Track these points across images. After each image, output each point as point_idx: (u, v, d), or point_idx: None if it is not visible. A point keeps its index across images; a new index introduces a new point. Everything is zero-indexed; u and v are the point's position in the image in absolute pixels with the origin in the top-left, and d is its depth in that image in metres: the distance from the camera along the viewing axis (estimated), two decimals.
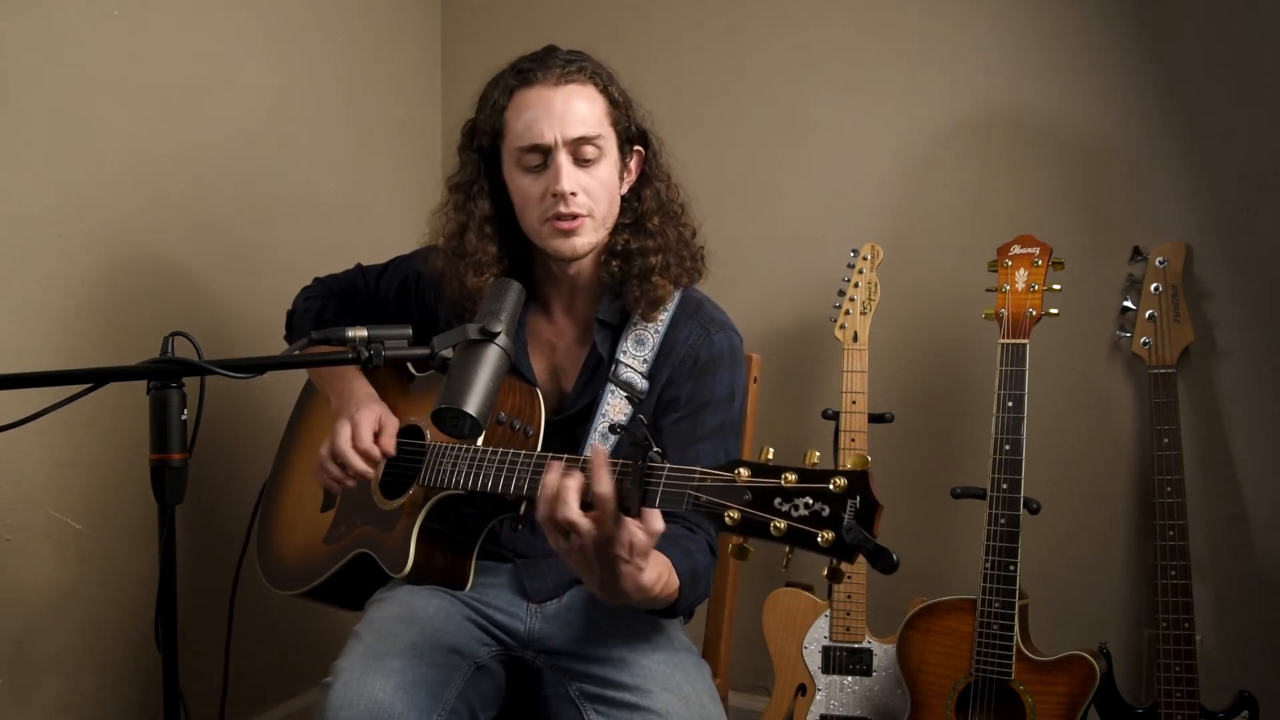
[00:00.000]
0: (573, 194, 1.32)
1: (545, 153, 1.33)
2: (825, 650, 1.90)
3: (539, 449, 1.36)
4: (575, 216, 1.34)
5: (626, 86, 1.43)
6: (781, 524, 0.92)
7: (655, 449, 1.02)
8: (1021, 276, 1.78)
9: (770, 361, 2.08)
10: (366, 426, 1.39)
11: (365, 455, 1.38)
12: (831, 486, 0.91)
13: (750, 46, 2.30)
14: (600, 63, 1.41)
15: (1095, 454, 2.01)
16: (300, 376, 1.75)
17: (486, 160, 1.42)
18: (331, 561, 1.47)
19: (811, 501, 0.92)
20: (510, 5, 2.57)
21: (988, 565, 1.72)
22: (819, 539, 0.90)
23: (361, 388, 1.49)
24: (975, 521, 1.76)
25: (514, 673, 1.43)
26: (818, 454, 0.97)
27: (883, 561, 0.88)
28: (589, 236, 1.36)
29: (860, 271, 1.95)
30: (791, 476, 0.93)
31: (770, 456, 0.98)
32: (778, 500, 0.93)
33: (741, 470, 0.96)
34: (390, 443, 1.41)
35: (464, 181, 1.44)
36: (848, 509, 0.90)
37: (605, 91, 1.37)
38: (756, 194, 2.30)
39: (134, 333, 1.83)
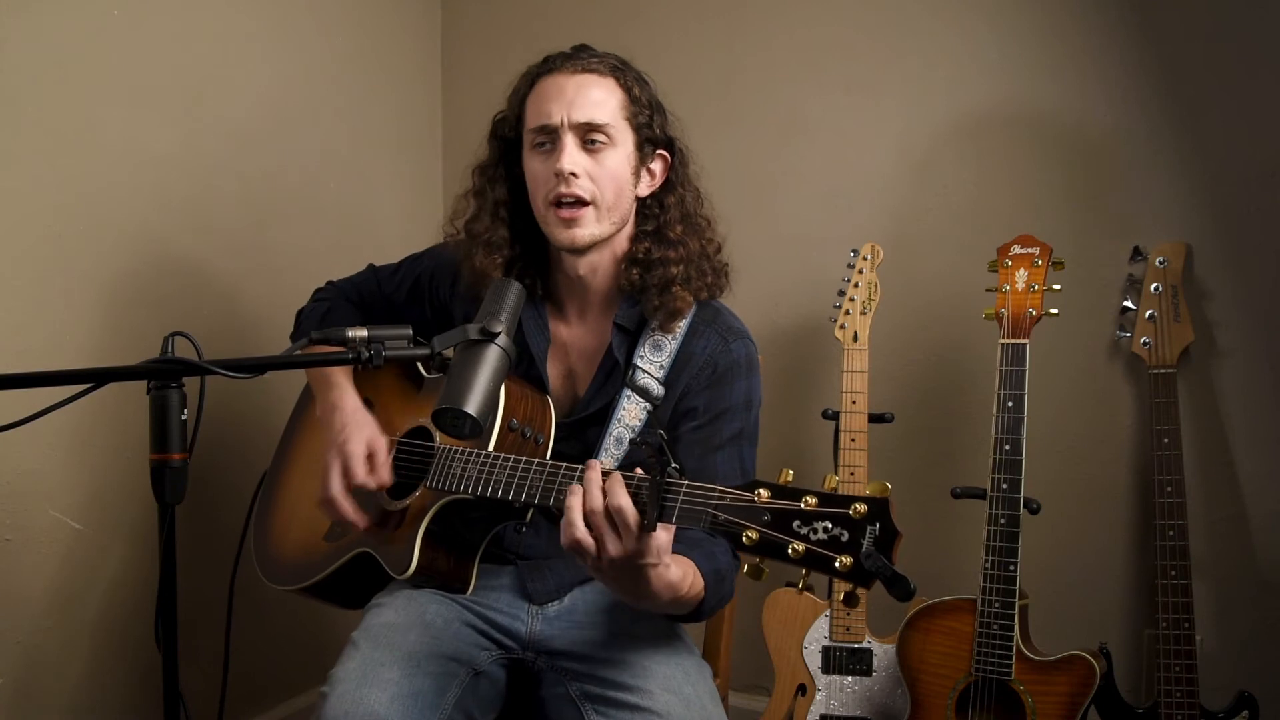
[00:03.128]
0: (574, 174, 1.33)
1: (552, 134, 1.35)
2: (825, 650, 1.90)
3: (548, 456, 1.36)
4: (578, 201, 1.34)
5: (660, 95, 1.45)
6: (800, 547, 0.93)
7: (673, 465, 1.02)
8: (1021, 276, 1.78)
9: (770, 361, 2.08)
10: (358, 461, 1.36)
11: (351, 499, 1.37)
12: (852, 512, 0.92)
13: (750, 46, 2.30)
14: (633, 68, 1.42)
15: (1095, 454, 2.01)
16: (301, 376, 1.75)
17: (509, 148, 1.45)
18: (331, 559, 1.46)
19: (831, 526, 0.93)
20: (510, 5, 2.57)
21: (988, 565, 1.72)
22: (837, 563, 0.91)
23: (348, 400, 1.45)
24: (975, 521, 1.76)
25: (514, 675, 1.43)
26: (836, 479, 0.97)
27: (899, 589, 0.89)
28: (591, 228, 1.36)
29: (860, 271, 1.95)
30: (812, 500, 0.94)
31: (790, 478, 0.98)
32: (797, 523, 0.94)
33: (761, 491, 0.97)
34: (385, 471, 1.38)
35: (485, 166, 1.48)
36: (867, 535, 0.91)
37: (625, 87, 1.38)
38: (756, 194, 2.30)
39: (134, 333, 1.83)
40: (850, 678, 1.90)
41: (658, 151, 1.43)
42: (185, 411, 1.04)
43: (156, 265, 1.90)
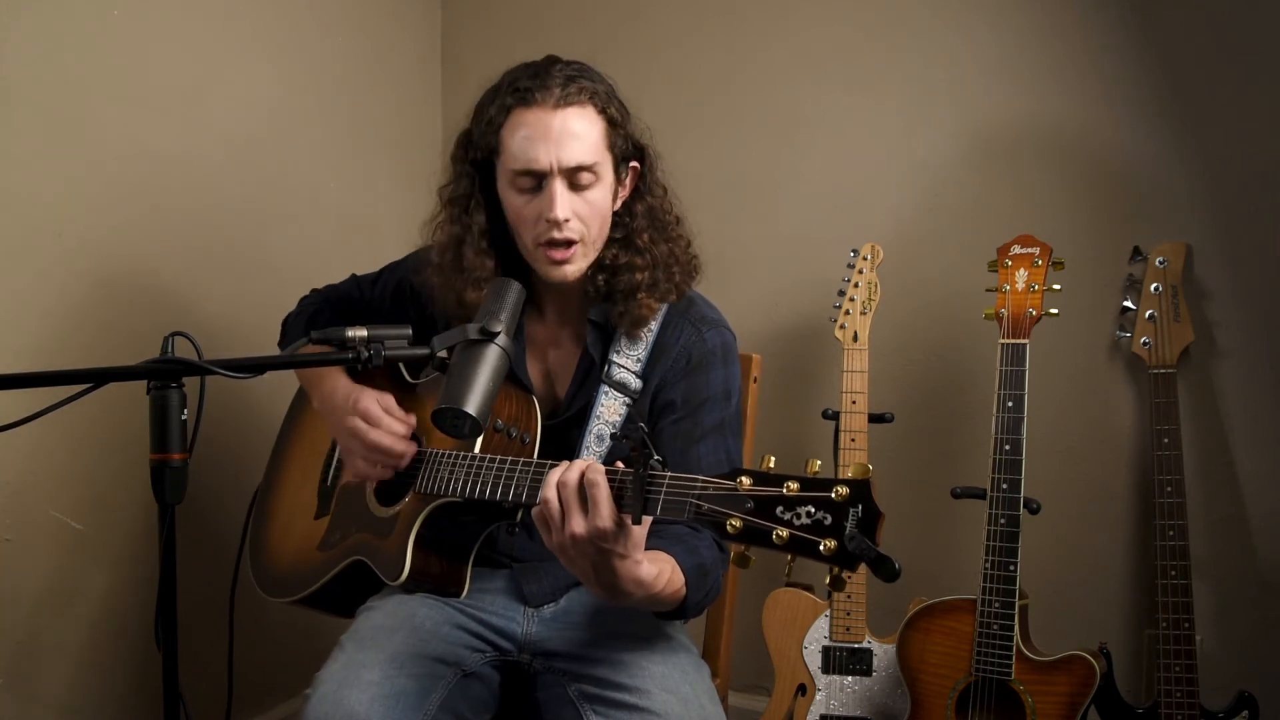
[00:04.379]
0: (566, 220, 1.30)
1: (540, 177, 1.31)
2: (825, 650, 1.90)
3: (535, 456, 1.36)
4: (569, 244, 1.32)
5: (625, 97, 1.40)
6: (784, 532, 0.93)
7: (656, 457, 1.02)
8: (1021, 276, 1.78)
9: (770, 361, 2.08)
10: (375, 407, 1.38)
11: (394, 433, 1.38)
12: (834, 495, 0.91)
13: (750, 47, 2.30)
14: (601, 76, 1.37)
15: (1095, 454, 2.01)
16: (298, 378, 1.75)
17: (481, 173, 1.40)
18: (326, 569, 1.46)
19: (814, 510, 0.92)
20: (510, 5, 2.57)
21: (988, 565, 1.72)
22: (821, 547, 0.90)
23: (342, 383, 1.47)
24: (975, 521, 1.76)
25: (509, 676, 1.43)
26: (819, 463, 0.97)
27: (885, 569, 0.89)
28: (580, 263, 1.35)
29: (860, 271, 1.95)
30: (794, 485, 0.94)
31: (772, 465, 0.98)
32: (780, 509, 0.94)
33: (743, 479, 0.97)
34: (400, 414, 1.40)
35: (460, 195, 1.42)
36: (850, 517, 0.90)
37: (604, 112, 1.33)
38: (756, 194, 2.30)
39: (134, 333, 1.83)
40: (850, 678, 1.90)
41: (630, 164, 1.40)
42: (185, 411, 1.04)
43: (156, 265, 1.90)
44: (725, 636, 1.67)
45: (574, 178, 1.31)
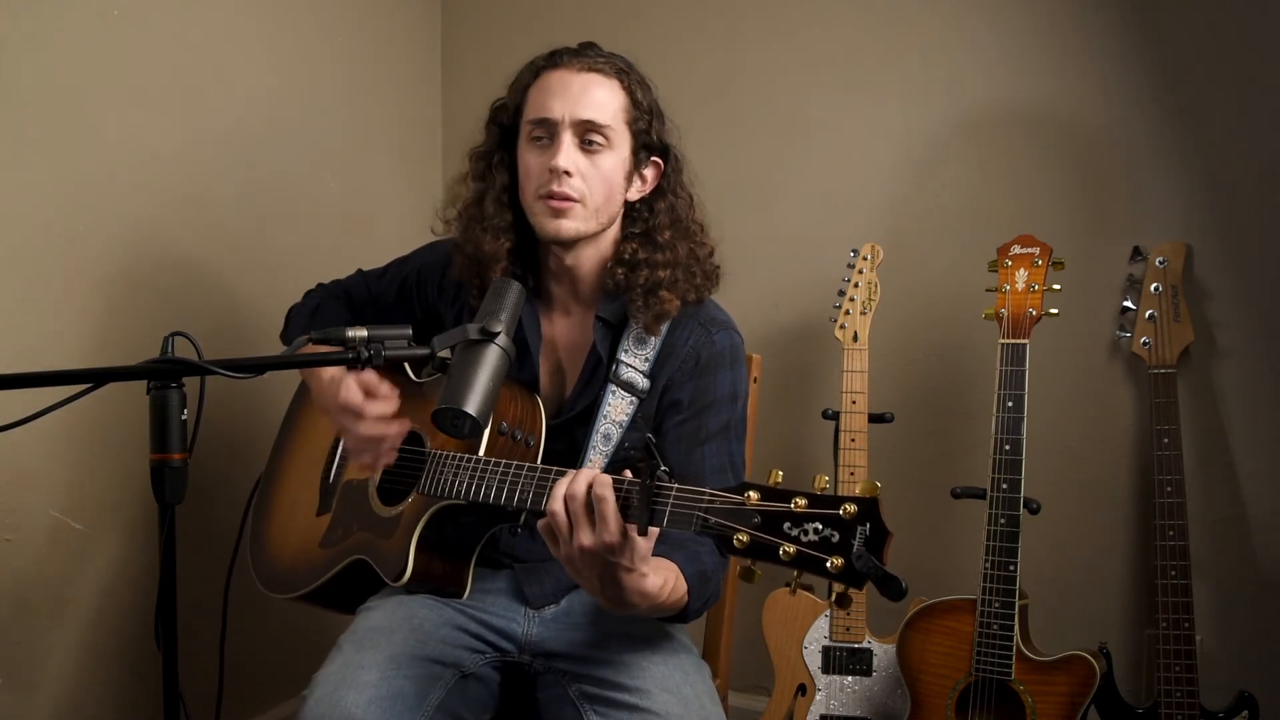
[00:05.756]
0: (568, 173, 1.33)
1: (551, 129, 1.35)
2: (825, 650, 1.90)
3: (539, 459, 1.36)
4: (567, 198, 1.34)
5: (661, 100, 1.44)
6: (791, 549, 0.93)
7: (663, 468, 1.02)
8: (1021, 276, 1.78)
9: (770, 361, 2.08)
10: (357, 395, 1.32)
11: (380, 417, 1.33)
12: (842, 513, 0.91)
13: (750, 47, 2.30)
14: (638, 71, 1.42)
15: (1095, 454, 2.01)
16: (298, 377, 1.75)
17: (507, 135, 1.45)
18: (327, 567, 1.46)
19: (821, 527, 0.92)
20: (510, 5, 2.57)
21: (988, 565, 1.72)
22: (828, 565, 0.91)
23: (330, 370, 1.44)
24: (975, 521, 1.76)
25: (509, 677, 1.43)
26: (826, 478, 0.97)
27: (892, 589, 0.89)
28: (577, 223, 1.36)
29: (860, 271, 1.95)
30: (802, 501, 0.94)
31: (780, 480, 0.98)
32: (787, 524, 0.94)
33: (751, 493, 0.97)
34: (386, 389, 1.34)
35: (486, 151, 1.47)
36: (857, 535, 0.90)
37: (628, 90, 1.38)
38: (756, 194, 2.30)
39: (134, 333, 1.83)
40: (850, 678, 1.90)
41: (652, 158, 1.43)
42: (185, 411, 1.04)
43: (156, 265, 1.89)
44: (725, 637, 1.67)
45: (585, 135, 1.35)
